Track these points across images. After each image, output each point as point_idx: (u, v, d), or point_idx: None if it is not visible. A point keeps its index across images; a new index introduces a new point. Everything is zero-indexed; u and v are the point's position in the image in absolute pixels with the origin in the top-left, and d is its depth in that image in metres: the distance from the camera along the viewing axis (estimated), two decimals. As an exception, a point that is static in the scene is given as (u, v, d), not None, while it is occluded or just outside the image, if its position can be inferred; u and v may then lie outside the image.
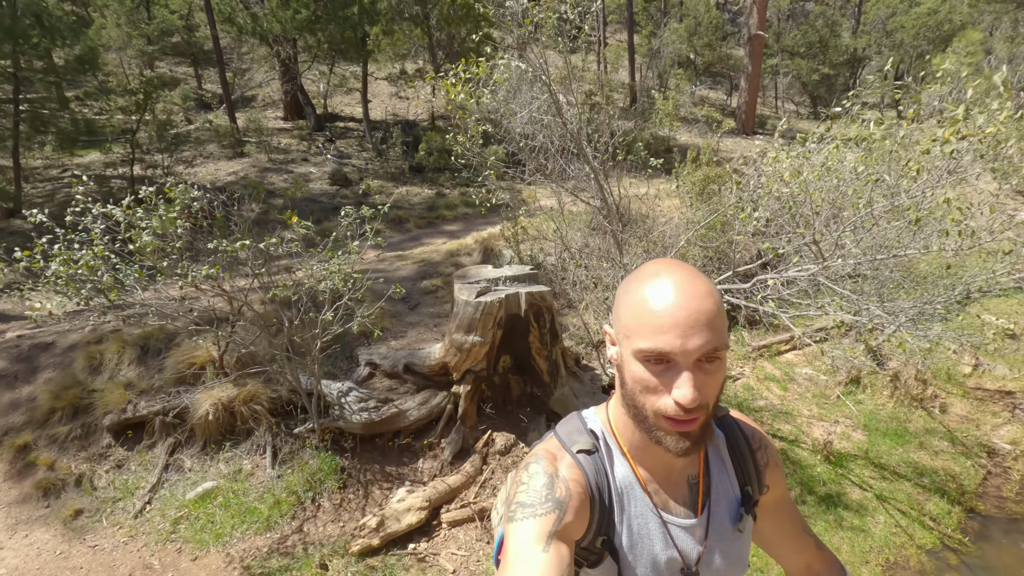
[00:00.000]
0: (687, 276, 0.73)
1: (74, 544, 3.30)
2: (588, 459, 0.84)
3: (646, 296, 0.72)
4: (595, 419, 0.91)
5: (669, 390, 0.71)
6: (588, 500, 0.81)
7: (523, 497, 0.78)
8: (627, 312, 0.75)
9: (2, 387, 4.28)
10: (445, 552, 3.27)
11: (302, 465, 3.74)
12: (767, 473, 0.94)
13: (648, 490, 0.85)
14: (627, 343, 0.74)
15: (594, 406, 0.95)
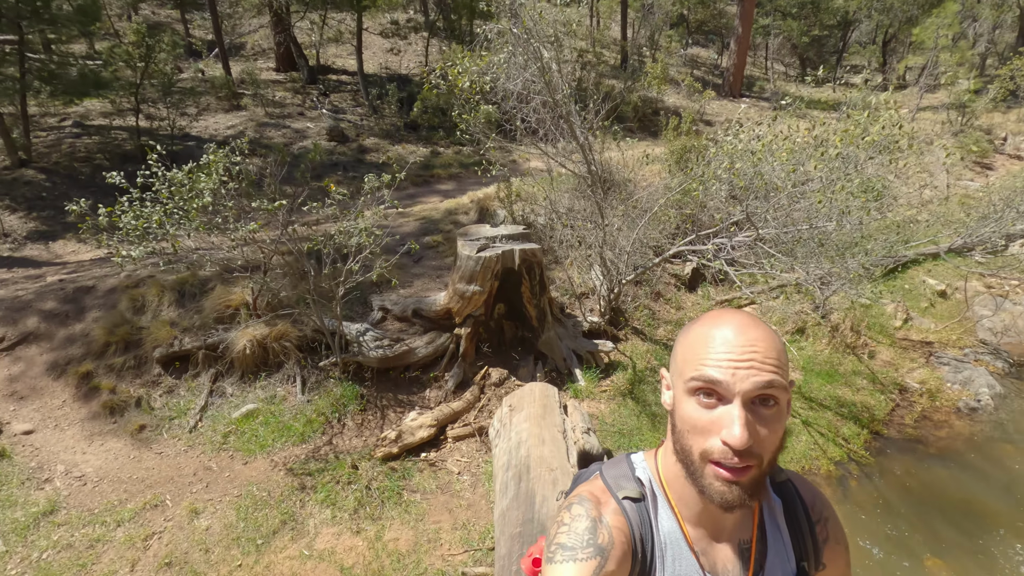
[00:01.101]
0: (748, 318, 0.71)
1: (143, 451, 4.00)
2: (634, 507, 0.80)
3: (704, 332, 0.71)
4: (643, 466, 0.87)
5: (717, 431, 0.69)
6: (631, 551, 0.78)
7: (564, 539, 0.76)
8: (683, 349, 0.73)
9: (56, 324, 4.86)
10: (451, 459, 4.03)
11: (328, 392, 4.43)
12: (826, 550, 0.88)
13: (695, 549, 0.81)
14: (679, 380, 0.72)
15: (643, 451, 0.92)
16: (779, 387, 0.68)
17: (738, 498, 0.69)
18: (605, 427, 4.33)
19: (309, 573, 3.17)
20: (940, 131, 12.22)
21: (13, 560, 3.18)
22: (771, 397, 0.68)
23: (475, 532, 3.45)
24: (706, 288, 6.49)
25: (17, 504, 3.50)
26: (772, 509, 0.87)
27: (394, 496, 3.69)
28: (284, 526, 3.45)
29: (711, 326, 0.71)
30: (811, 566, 0.85)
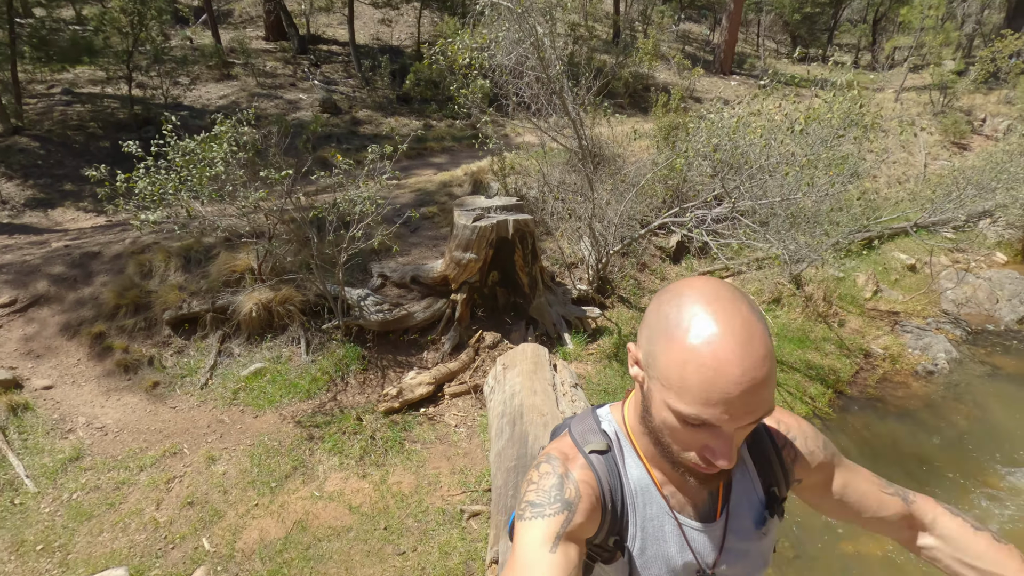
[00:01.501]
0: (745, 335, 0.63)
1: (158, 406, 4.25)
2: (601, 460, 0.83)
3: (692, 355, 0.63)
4: (609, 419, 0.89)
5: (699, 446, 0.69)
6: (599, 502, 0.80)
7: (533, 497, 0.79)
8: (665, 359, 0.67)
9: (66, 288, 5.05)
10: (448, 413, 4.34)
11: (331, 353, 4.69)
12: (796, 468, 0.91)
13: (664, 492, 0.84)
14: (660, 390, 0.68)
15: (608, 403, 0.93)
16: (769, 415, 0.67)
17: (715, 484, 0.74)
18: (592, 386, 4.65)
19: (321, 511, 3.48)
20: (922, 111, 12.52)
21: (46, 500, 3.45)
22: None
23: (471, 476, 3.78)
24: (690, 260, 6.79)
25: (44, 451, 3.75)
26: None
27: (396, 445, 4.00)
28: (295, 471, 3.75)
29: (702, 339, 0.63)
30: (781, 488, 0.89)
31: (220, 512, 3.44)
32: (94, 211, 7.36)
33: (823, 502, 0.96)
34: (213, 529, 3.34)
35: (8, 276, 5.04)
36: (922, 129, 11.72)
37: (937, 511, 0.94)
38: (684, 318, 0.65)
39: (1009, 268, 7.34)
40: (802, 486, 0.94)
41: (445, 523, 3.44)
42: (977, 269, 7.20)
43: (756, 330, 0.64)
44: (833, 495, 0.94)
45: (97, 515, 3.37)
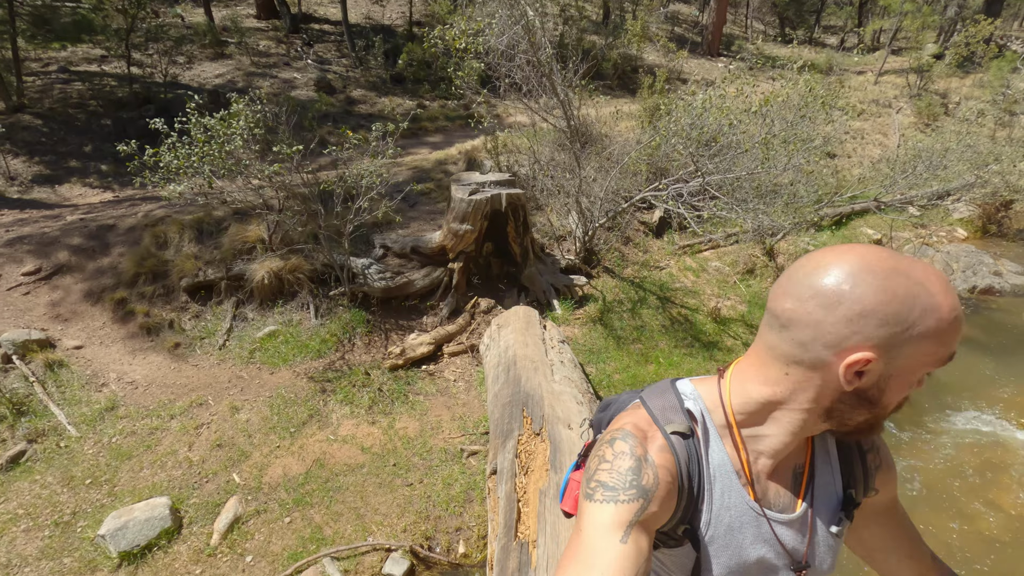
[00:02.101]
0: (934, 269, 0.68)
1: (181, 364, 4.64)
2: (682, 443, 0.77)
3: (948, 318, 0.65)
4: (696, 396, 0.82)
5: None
6: (676, 489, 0.76)
7: (605, 477, 0.74)
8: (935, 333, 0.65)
9: (85, 258, 5.37)
10: (448, 370, 4.77)
11: (338, 317, 5.09)
12: (877, 476, 0.88)
13: (752, 477, 0.79)
14: (919, 364, 0.67)
15: (690, 378, 0.86)
16: None
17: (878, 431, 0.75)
18: (577, 346, 5.10)
19: (336, 452, 3.91)
20: (899, 94, 12.95)
21: (88, 443, 3.84)
22: None
23: (470, 422, 4.23)
24: (671, 234, 7.22)
25: (81, 402, 4.14)
26: (824, 436, 0.85)
27: (401, 397, 4.43)
28: (311, 419, 4.17)
29: (951, 311, 0.65)
30: (859, 492, 0.85)
31: (246, 452, 3.86)
32: (100, 187, 7.62)
33: (867, 527, 0.92)
34: (241, 466, 3.76)
35: (30, 247, 5.35)
36: (898, 111, 12.17)
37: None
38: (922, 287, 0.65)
39: (968, 243, 7.86)
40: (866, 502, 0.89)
41: (447, 460, 3.89)
42: (938, 243, 7.71)
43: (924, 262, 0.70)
44: (881, 523, 0.92)
45: (136, 455, 3.78)
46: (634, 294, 5.88)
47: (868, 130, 11.28)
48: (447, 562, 3.24)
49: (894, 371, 0.67)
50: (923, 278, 0.65)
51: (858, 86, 13.45)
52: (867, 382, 0.68)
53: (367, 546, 3.23)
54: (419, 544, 3.28)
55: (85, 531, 3.26)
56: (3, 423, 3.85)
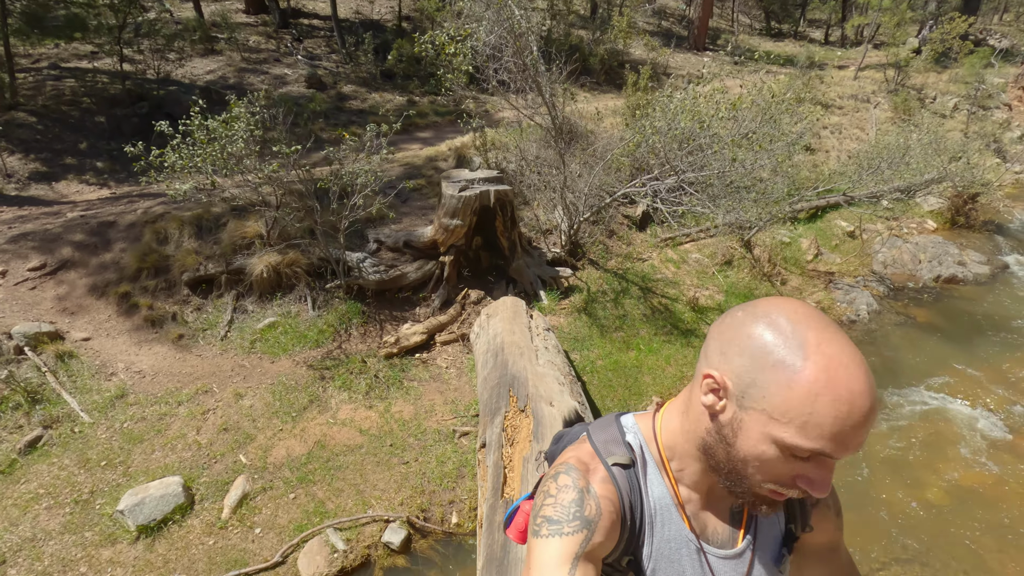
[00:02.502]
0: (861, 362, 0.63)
1: (185, 354, 4.87)
2: (623, 474, 0.79)
3: (828, 388, 0.60)
4: (635, 430, 0.86)
5: (794, 476, 0.66)
6: (619, 519, 0.77)
7: (550, 512, 0.75)
8: (786, 394, 0.63)
9: (88, 253, 5.56)
10: (440, 358, 5.05)
11: (334, 309, 5.33)
12: (814, 513, 0.89)
13: (687, 513, 0.81)
14: (766, 422, 0.65)
15: (633, 413, 0.90)
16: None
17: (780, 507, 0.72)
18: (563, 335, 5.39)
19: (336, 434, 4.18)
20: (877, 89, 13.31)
21: (100, 428, 4.08)
22: None
23: (461, 405, 4.51)
24: (654, 228, 7.52)
25: (92, 390, 4.36)
26: None
27: (396, 383, 4.70)
28: (312, 404, 4.43)
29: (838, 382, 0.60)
30: (798, 528, 0.86)
31: (251, 435, 4.12)
32: (97, 184, 7.76)
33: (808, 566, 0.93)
34: (247, 448, 4.02)
35: (34, 243, 5.53)
36: (876, 106, 12.53)
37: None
38: (801, 347, 0.62)
39: (936, 234, 8.23)
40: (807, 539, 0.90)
41: (440, 440, 4.17)
42: (908, 235, 8.08)
43: (862, 356, 0.64)
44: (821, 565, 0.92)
45: (147, 439, 4.02)
46: (617, 285, 6.17)
47: (846, 124, 11.63)
48: (441, 531, 3.53)
49: (745, 416, 0.67)
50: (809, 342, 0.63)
51: (838, 81, 13.79)
52: (724, 415, 0.70)
53: (367, 518, 3.50)
54: (415, 515, 3.57)
55: (103, 508, 3.51)
56: (19, 410, 4.07)
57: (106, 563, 3.22)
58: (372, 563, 3.33)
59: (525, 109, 6.56)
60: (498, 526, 2.15)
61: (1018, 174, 10.96)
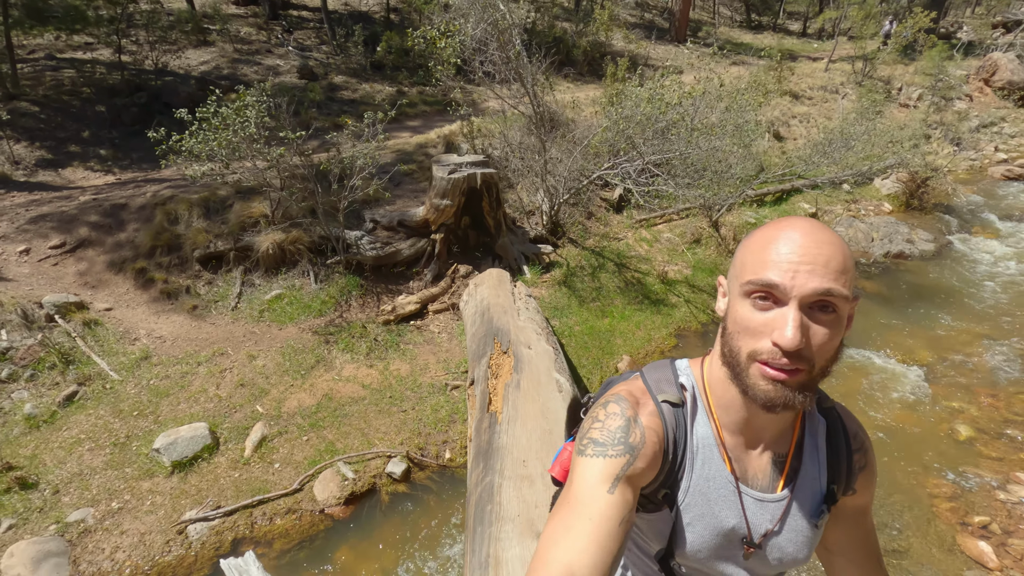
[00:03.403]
0: (816, 224, 0.71)
1: (200, 323, 5.34)
2: (671, 411, 0.83)
3: (768, 235, 0.72)
4: (688, 372, 0.90)
5: (768, 332, 0.70)
6: (662, 451, 0.81)
7: (596, 435, 0.79)
8: (744, 253, 0.75)
9: (103, 233, 5.99)
10: (432, 324, 5.57)
11: (335, 282, 5.82)
12: (860, 477, 0.91)
13: (729, 455, 0.84)
14: (736, 284, 0.74)
15: (688, 358, 0.93)
16: (839, 296, 0.67)
17: (782, 397, 0.71)
18: (544, 304, 5.94)
19: (341, 388, 4.70)
20: (846, 80, 13.96)
21: (129, 385, 4.56)
22: (830, 304, 0.68)
23: (452, 364, 5.04)
24: (630, 211, 8.08)
25: (119, 353, 4.83)
26: (815, 429, 0.89)
27: (394, 346, 5.22)
28: (318, 363, 4.94)
29: (777, 229, 0.70)
30: (840, 489, 0.89)
31: (265, 390, 4.62)
32: (101, 170, 8.12)
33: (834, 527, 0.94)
34: (262, 400, 4.52)
35: (52, 223, 5.95)
36: (844, 96, 13.18)
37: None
38: (767, 226, 0.75)
39: (892, 215, 8.89)
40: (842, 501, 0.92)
41: (434, 393, 4.71)
42: (865, 216, 8.73)
43: (831, 230, 0.69)
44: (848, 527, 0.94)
45: (172, 393, 4.51)
46: (594, 261, 6.73)
47: (815, 114, 12.26)
48: (436, 464, 4.08)
49: (732, 297, 0.76)
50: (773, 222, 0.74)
51: (810, 72, 14.42)
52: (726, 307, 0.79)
53: (372, 454, 4.04)
54: (413, 452, 4.11)
55: (139, 449, 4.00)
56: (54, 370, 4.54)
57: (146, 492, 3.72)
58: (378, 490, 3.87)
59: (509, 99, 7.07)
60: (484, 432, 2.70)
61: (972, 161, 11.69)
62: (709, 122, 5.04)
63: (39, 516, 3.52)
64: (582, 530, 0.69)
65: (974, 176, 11.04)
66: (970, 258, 7.60)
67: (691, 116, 5.10)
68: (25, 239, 5.72)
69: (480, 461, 2.52)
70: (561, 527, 0.71)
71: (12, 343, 4.58)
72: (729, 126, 5.15)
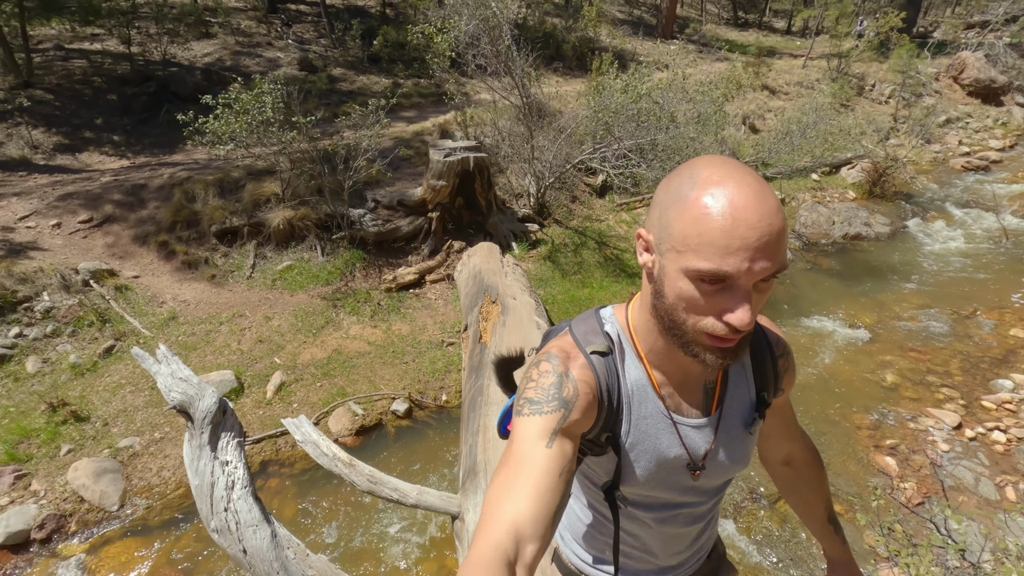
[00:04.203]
0: (757, 189, 0.65)
1: (219, 289, 5.91)
2: (601, 361, 0.86)
3: (709, 209, 0.65)
4: (612, 320, 0.92)
5: (717, 311, 0.69)
6: (596, 401, 0.84)
7: (532, 394, 0.82)
8: (680, 223, 0.68)
9: (126, 210, 6.53)
10: (429, 292, 6.18)
11: (340, 255, 6.40)
12: (784, 378, 0.99)
13: (661, 393, 0.89)
14: (675, 257, 0.69)
15: (612, 305, 0.96)
16: (784, 269, 0.67)
17: (731, 357, 0.74)
18: (530, 276, 6.55)
19: (349, 344, 5.29)
20: (821, 77, 14.66)
21: (160, 340, 5.12)
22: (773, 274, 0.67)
23: (447, 325, 5.65)
24: (612, 195, 8.71)
25: (148, 314, 5.40)
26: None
27: (395, 310, 5.82)
28: (328, 324, 5.53)
29: (715, 195, 0.64)
30: (771, 394, 0.96)
31: (281, 345, 5.21)
32: (116, 155, 8.62)
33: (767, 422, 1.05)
34: (279, 354, 5.11)
35: (80, 201, 6.48)
36: (818, 92, 13.87)
37: (808, 455, 1.15)
38: (696, 182, 0.67)
39: (855, 202, 9.59)
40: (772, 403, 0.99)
41: (431, 348, 5.32)
42: (830, 202, 9.42)
43: (765, 185, 0.66)
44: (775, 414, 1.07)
45: (199, 348, 5.09)
46: (577, 239, 7.36)
47: (789, 108, 12.93)
48: (435, 405, 4.70)
49: (664, 261, 0.72)
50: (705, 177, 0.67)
51: (788, 69, 15.10)
52: (655, 268, 0.75)
53: (379, 395, 4.65)
54: (415, 395, 4.72)
55: (174, 391, 4.58)
56: (93, 327, 5.10)
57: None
58: (384, 424, 4.48)
59: (500, 90, 7.66)
60: (476, 356, 3.32)
61: (936, 153, 12.43)
62: (674, 112, 5.65)
63: (92, 443, 4.10)
64: (523, 486, 0.73)
65: (936, 167, 11.77)
66: (921, 240, 8.31)
67: (659, 106, 5.71)
68: (56, 214, 6.25)
69: (472, 375, 3.14)
70: (504, 487, 0.74)
71: (54, 303, 5.13)
72: (691, 116, 5.76)
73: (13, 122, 8.51)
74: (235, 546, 1.62)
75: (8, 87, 9.17)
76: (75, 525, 3.58)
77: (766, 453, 1.17)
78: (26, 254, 5.59)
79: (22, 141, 8.29)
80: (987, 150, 12.45)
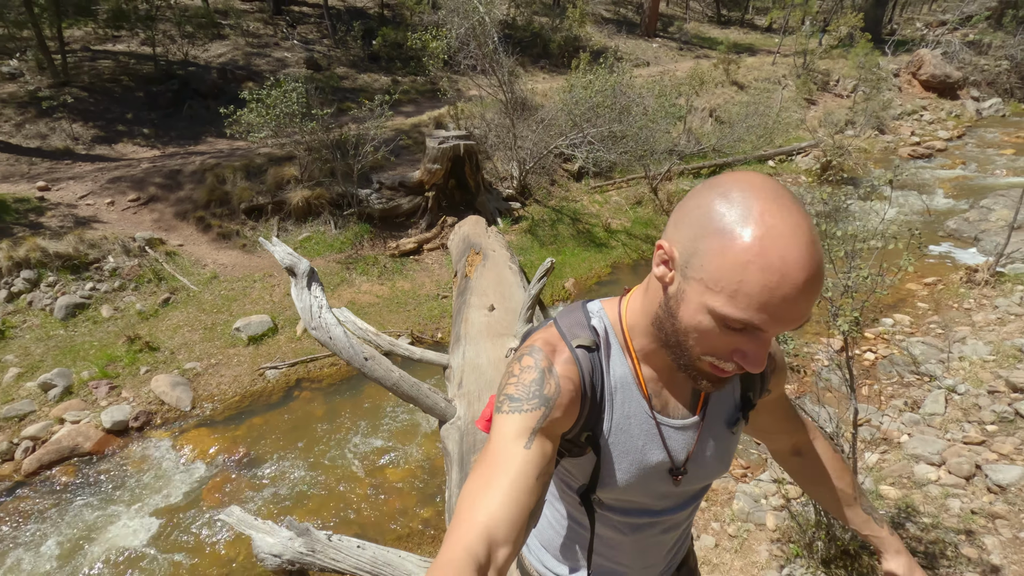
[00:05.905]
0: (809, 237, 0.60)
1: (250, 256, 7.03)
2: (586, 355, 0.83)
3: (757, 260, 0.60)
4: (601, 314, 0.89)
5: (730, 350, 0.68)
6: (579, 397, 0.82)
7: (512, 391, 0.80)
8: (719, 261, 0.63)
9: (167, 191, 7.63)
10: (427, 258, 7.32)
11: (350, 228, 7.53)
12: (772, 379, 0.97)
13: (648, 391, 0.86)
14: (702, 290, 0.66)
15: (600, 299, 0.93)
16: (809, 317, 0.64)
17: (725, 385, 0.75)
18: (512, 246, 7.70)
19: (360, 297, 6.43)
20: (788, 73, 15.82)
21: (206, 294, 6.25)
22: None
23: (442, 283, 6.80)
24: (587, 179, 9.86)
25: (193, 274, 6.52)
26: None
27: (398, 271, 6.97)
28: (342, 282, 6.67)
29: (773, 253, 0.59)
30: (756, 395, 0.94)
31: (306, 298, 6.34)
32: (147, 146, 9.71)
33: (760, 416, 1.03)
34: (304, 304, 6.25)
35: (127, 184, 7.59)
36: (784, 87, 15.03)
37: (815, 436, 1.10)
38: (743, 215, 0.61)
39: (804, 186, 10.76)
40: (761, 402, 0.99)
41: (429, 300, 6.47)
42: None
43: (815, 233, 0.61)
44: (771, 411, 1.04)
45: (239, 299, 6.22)
46: (554, 216, 8.51)
47: (754, 103, 14.09)
48: (431, 340, 5.85)
49: (687, 287, 0.68)
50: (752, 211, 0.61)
51: (758, 65, 16.25)
52: (672, 286, 0.70)
53: (387, 332, 5.80)
54: (416, 332, 5.87)
55: (223, 330, 5.72)
56: (151, 283, 6.22)
57: (233, 354, 5.45)
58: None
59: (487, 87, 8.79)
60: (461, 284, 4.47)
61: (889, 143, 13.62)
62: (628, 106, 6.79)
63: (164, 365, 5.24)
64: (499, 487, 0.70)
65: (886, 155, 12.96)
66: (857, 216, 9.49)
67: (612, 99, 6.82)
68: (109, 194, 7.36)
69: (460, 295, 4.30)
70: (479, 486, 0.72)
71: (118, 264, 6.25)
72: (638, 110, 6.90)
73: (55, 117, 9.58)
74: (324, 335, 2.70)
75: (47, 85, 10.23)
76: (159, 420, 4.73)
77: (774, 448, 1.15)
78: (90, 226, 6.70)
79: (64, 134, 9.36)
80: (935, 140, 13.65)
